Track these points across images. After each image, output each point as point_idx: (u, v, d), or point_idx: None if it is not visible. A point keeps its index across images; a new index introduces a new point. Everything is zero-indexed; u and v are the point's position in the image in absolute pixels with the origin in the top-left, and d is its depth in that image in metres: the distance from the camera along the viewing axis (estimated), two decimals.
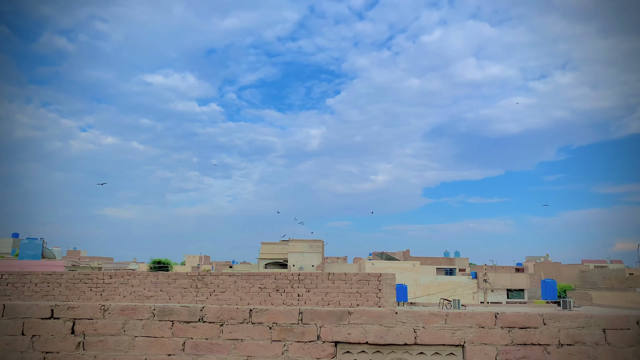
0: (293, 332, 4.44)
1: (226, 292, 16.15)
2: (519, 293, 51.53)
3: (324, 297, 15.91)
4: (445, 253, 74.78)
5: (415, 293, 44.91)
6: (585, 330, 4.48)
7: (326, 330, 4.44)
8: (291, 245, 49.36)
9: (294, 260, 48.47)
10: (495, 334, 4.43)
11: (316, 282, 16.07)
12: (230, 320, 4.51)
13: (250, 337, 4.46)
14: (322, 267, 47.94)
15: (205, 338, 4.48)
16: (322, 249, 50.59)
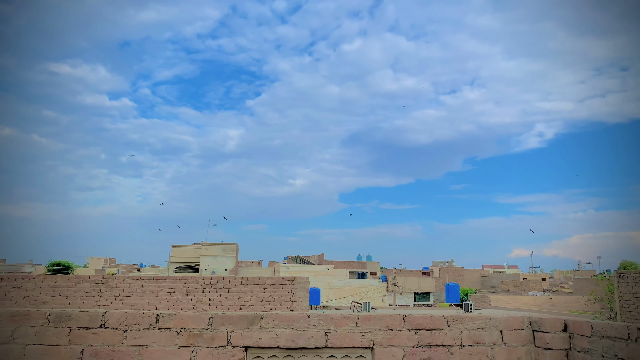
0: (202, 338, 4.30)
1: (132, 296, 15.39)
2: (425, 296, 53.94)
3: (236, 302, 15.65)
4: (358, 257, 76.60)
5: (328, 296, 45.53)
6: (484, 332, 4.75)
7: (237, 335, 4.35)
8: (204, 248, 48.14)
9: (207, 264, 47.32)
10: (402, 336, 4.56)
11: (229, 287, 15.77)
12: (135, 325, 4.28)
13: (157, 343, 4.26)
14: (236, 271, 47.21)
15: (106, 345, 4.21)
16: (237, 252, 49.86)
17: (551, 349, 4.75)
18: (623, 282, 19.26)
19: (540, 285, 65.72)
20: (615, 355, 4.33)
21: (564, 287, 66.88)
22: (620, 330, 4.33)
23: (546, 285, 68.54)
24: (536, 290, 59.20)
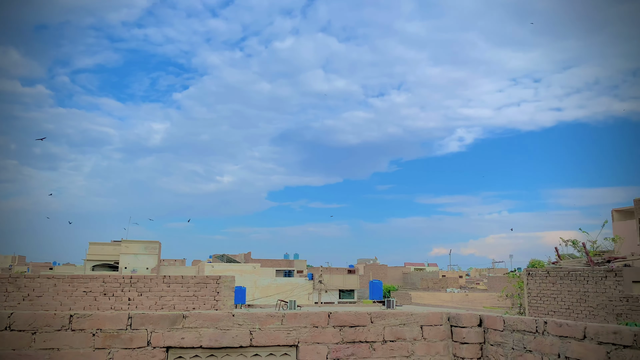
0: (120, 339, 4.10)
1: (44, 296, 14.45)
2: (349, 293, 54.96)
3: (157, 301, 15.13)
4: (285, 255, 76.67)
5: (254, 295, 45.17)
6: (406, 327, 4.89)
7: (158, 335, 4.19)
8: (124, 246, 46.15)
9: (127, 262, 45.38)
10: (327, 333, 4.60)
11: (150, 286, 15.21)
12: (46, 327, 4.00)
13: (69, 346, 4.01)
14: (158, 270, 45.64)
15: (12, 349, 3.90)
16: (159, 250, 48.23)
17: (467, 343, 4.98)
18: (532, 279, 20.65)
19: (458, 283, 69.00)
20: (524, 348, 4.62)
21: (479, 284, 70.64)
22: (529, 324, 4.62)
23: (463, 283, 72.10)
24: (454, 287, 62.09)
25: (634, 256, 23.95)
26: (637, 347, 3.68)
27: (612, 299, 17.23)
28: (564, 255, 23.68)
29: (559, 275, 19.49)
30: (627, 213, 37.66)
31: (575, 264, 20.97)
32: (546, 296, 19.80)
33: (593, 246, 24.57)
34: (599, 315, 17.51)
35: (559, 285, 19.36)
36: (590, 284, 18.13)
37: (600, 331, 3.97)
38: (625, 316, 16.39)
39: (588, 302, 18.07)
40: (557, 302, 19.34)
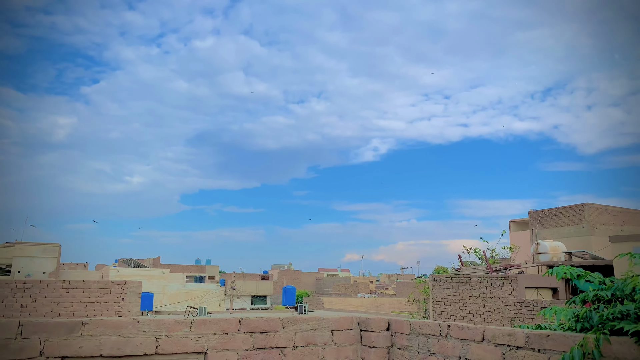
0: (8, 349, 3.75)
1: None
2: (262, 299, 54.55)
3: (54, 308, 14.08)
4: (197, 261, 74.65)
5: (162, 301, 43.47)
6: (317, 332, 4.92)
7: (52, 344, 3.88)
8: (18, 248, 42.56)
9: (21, 265, 41.89)
10: (238, 340, 4.51)
11: (46, 291, 14.13)
12: None
13: None
14: (57, 274, 42.54)
15: None
16: (58, 253, 45.02)
17: (375, 347, 5.11)
18: (436, 284, 21.68)
19: (369, 288, 70.92)
20: (428, 351, 4.82)
21: (388, 289, 73.05)
22: (434, 327, 4.82)
23: (373, 288, 74.20)
24: (364, 293, 63.72)
25: (527, 264, 25.96)
26: (528, 347, 3.96)
27: (507, 304, 18.52)
28: (467, 263, 25.15)
29: (461, 281, 20.63)
30: (523, 224, 40.81)
31: (476, 270, 22.32)
32: (449, 301, 20.87)
33: (492, 254, 26.33)
34: (496, 319, 18.76)
35: (461, 290, 20.49)
36: (489, 289, 19.37)
37: (497, 333, 4.23)
38: (518, 320, 17.68)
39: (487, 307, 19.28)
40: (459, 306, 20.45)
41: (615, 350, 3.38)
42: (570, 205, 36.11)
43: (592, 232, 34.02)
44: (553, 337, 3.79)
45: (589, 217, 34.52)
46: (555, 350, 3.72)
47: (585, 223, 34.52)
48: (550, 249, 27.80)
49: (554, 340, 3.76)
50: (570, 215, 35.70)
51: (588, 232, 34.05)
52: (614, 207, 36.71)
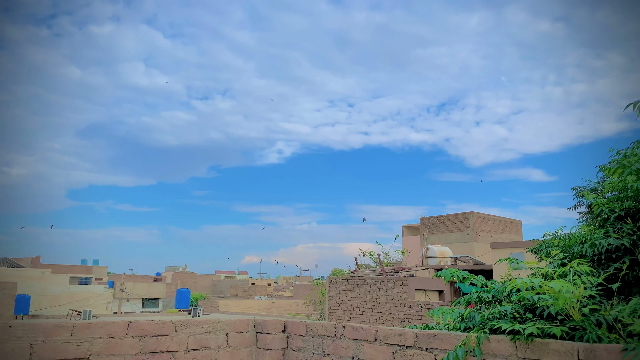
0: None
1: None
2: (154, 302, 52.26)
3: None
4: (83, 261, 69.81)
5: (40, 304, 40.00)
6: (211, 335, 4.78)
7: None
8: None
9: None
10: (125, 344, 4.24)
11: None
12: None
13: None
14: None
15: None
16: None
17: (271, 349, 5.07)
18: (333, 286, 22.16)
19: (266, 291, 70.72)
20: (323, 352, 4.87)
21: (285, 292, 73.40)
22: (329, 328, 4.89)
23: (271, 290, 74.12)
24: (262, 295, 63.46)
25: (417, 267, 27.43)
26: (417, 347, 4.15)
27: (398, 305, 19.40)
28: (362, 265, 25.99)
29: (356, 283, 21.27)
30: (414, 229, 43.10)
31: (370, 273, 23.14)
32: (345, 302, 21.43)
33: (386, 257, 27.47)
34: (387, 319, 19.57)
35: (356, 292, 21.12)
36: (381, 291, 20.16)
37: (388, 334, 4.38)
38: (408, 320, 18.60)
39: (379, 308, 20.05)
40: (353, 308, 21.06)
41: (493, 348, 3.64)
42: (457, 213, 38.79)
43: (476, 238, 36.81)
44: (440, 336, 4.00)
45: (473, 224, 37.32)
46: (442, 348, 3.94)
47: (469, 230, 37.26)
48: (438, 254, 29.63)
49: (441, 339, 3.98)
50: (456, 223, 38.35)
51: (472, 238, 36.79)
52: (495, 216, 40.04)
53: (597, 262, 5.03)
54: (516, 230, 41.60)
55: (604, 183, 8.03)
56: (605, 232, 5.16)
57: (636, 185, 4.65)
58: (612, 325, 3.54)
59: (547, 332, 3.45)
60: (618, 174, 5.60)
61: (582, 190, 9.64)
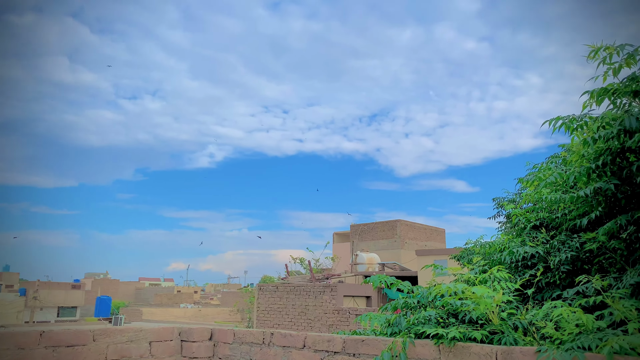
0: None
1: None
2: (71, 311, 49.34)
3: None
4: None
5: None
6: (133, 344, 4.56)
7: None
8: None
9: None
10: (36, 356, 3.96)
11: None
12: None
13: None
14: None
15: None
16: None
17: (197, 357, 4.92)
18: (262, 294, 21.95)
19: (193, 298, 68.86)
20: (250, 359, 4.79)
21: (212, 299, 71.86)
22: (257, 336, 4.82)
23: (198, 298, 72.29)
24: (188, 303, 61.71)
25: (346, 273, 27.80)
26: (345, 352, 4.18)
27: (327, 312, 19.54)
28: (292, 272, 25.98)
29: (286, 290, 21.21)
30: (345, 236, 43.71)
31: (300, 279, 23.17)
32: (274, 310, 21.28)
33: (316, 264, 27.63)
34: (316, 326, 19.64)
35: (285, 299, 21.04)
36: (311, 298, 20.22)
37: (317, 340, 4.39)
38: (336, 327, 18.76)
39: (308, 315, 20.09)
40: (282, 315, 20.96)
41: (418, 352, 3.74)
42: (385, 221, 39.79)
43: (402, 245, 37.91)
44: (367, 341, 4.05)
45: (400, 232, 38.42)
46: (369, 354, 3.99)
47: (397, 238, 38.32)
48: (366, 260, 30.21)
49: (368, 344, 4.03)
50: (385, 230, 39.32)
51: (399, 245, 37.85)
52: (421, 224, 41.47)
53: (515, 268, 5.33)
54: (440, 238, 43.30)
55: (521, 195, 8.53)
56: (522, 241, 5.47)
57: (550, 197, 4.97)
58: (527, 328, 3.75)
59: (468, 336, 3.59)
60: (534, 186, 5.97)
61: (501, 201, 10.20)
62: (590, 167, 4.44)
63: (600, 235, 4.42)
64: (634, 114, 3.98)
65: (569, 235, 5.16)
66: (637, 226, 4.28)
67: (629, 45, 4.34)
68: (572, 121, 4.53)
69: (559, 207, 5.55)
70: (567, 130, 4.58)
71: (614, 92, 4.39)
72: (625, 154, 4.31)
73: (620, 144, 4.21)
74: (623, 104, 4.49)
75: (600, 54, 4.46)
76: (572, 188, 5.29)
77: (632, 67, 4.36)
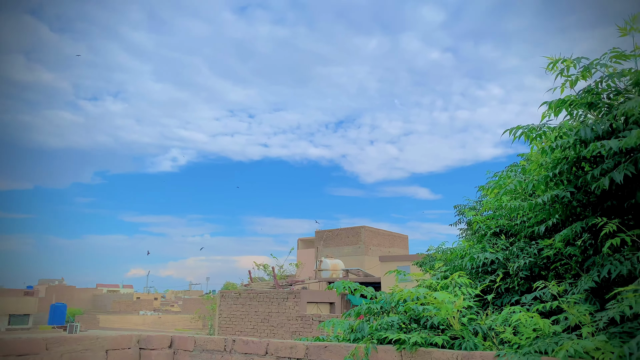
0: None
1: None
2: (23, 318, 47.40)
3: None
4: None
5: None
6: (89, 353, 4.41)
7: None
8: None
9: None
10: None
11: None
12: None
13: None
14: None
15: None
16: None
17: None
18: (224, 300, 21.65)
19: (152, 305, 67.33)
20: None
21: (173, 306, 70.43)
22: (219, 343, 4.74)
23: (158, 305, 70.71)
24: (147, 310, 60.29)
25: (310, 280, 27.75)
26: (308, 359, 4.15)
27: (290, 318, 19.42)
28: (255, 278, 25.74)
29: (249, 297, 20.98)
30: (309, 242, 43.68)
31: (264, 286, 22.97)
32: (236, 317, 21.01)
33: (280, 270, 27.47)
34: (279, 333, 19.49)
35: (248, 306, 20.82)
36: (274, 304, 20.07)
37: (279, 346, 4.34)
38: (299, 333, 18.68)
39: (271, 322, 19.93)
40: (244, 322, 20.72)
41: (381, 358, 3.75)
42: (350, 227, 39.99)
43: (367, 252, 38.16)
44: (330, 348, 4.04)
45: (365, 238, 38.68)
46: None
47: (361, 244, 38.56)
48: (330, 266, 30.24)
49: (331, 350, 4.02)
50: (349, 236, 39.51)
51: (363, 252, 38.09)
52: (385, 230, 41.88)
53: (475, 274, 5.43)
54: (403, 244, 43.83)
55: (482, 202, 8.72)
56: (483, 247, 5.58)
57: (510, 205, 5.09)
58: (487, 333, 3.81)
59: (430, 341, 3.62)
60: (494, 194, 6.11)
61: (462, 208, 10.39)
62: (548, 175, 4.58)
63: (556, 242, 4.55)
64: (589, 125, 4.12)
65: (528, 242, 5.30)
66: (592, 233, 4.43)
67: (585, 59, 4.51)
68: (532, 131, 4.66)
69: (518, 214, 5.69)
70: (527, 140, 4.71)
71: (570, 103, 4.54)
72: (580, 163, 4.46)
73: (577, 153, 4.36)
74: (579, 115, 4.65)
75: (558, 66, 4.61)
76: (531, 196, 5.44)
77: (587, 80, 4.54)
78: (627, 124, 4.03)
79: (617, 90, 4.49)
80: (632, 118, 3.88)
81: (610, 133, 4.07)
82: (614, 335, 3.22)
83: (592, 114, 4.57)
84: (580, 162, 4.46)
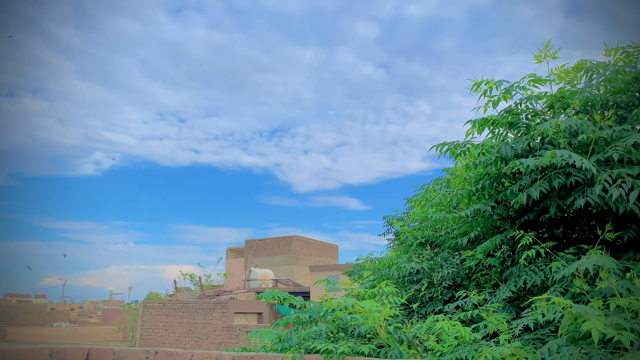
0: None
1: None
2: None
3: None
4: None
5: None
6: None
7: None
8: None
9: None
10: None
11: None
12: None
13: None
14: None
15: None
16: None
17: None
18: (147, 311, 20.82)
19: (69, 316, 63.50)
20: None
21: (92, 317, 66.81)
22: (140, 355, 4.54)
23: (75, 316, 66.77)
24: (63, 322, 56.79)
25: (239, 290, 27.33)
26: None
27: (216, 329, 18.99)
28: (181, 289, 24.97)
29: (173, 307, 20.31)
30: (239, 251, 43.05)
31: (190, 296, 22.33)
32: (159, 328, 20.25)
33: (208, 280, 26.84)
34: (204, 344, 18.98)
35: (172, 317, 20.14)
36: (200, 315, 19.55)
37: (204, 357, 4.22)
38: (225, 344, 18.29)
39: (196, 333, 19.38)
40: (168, 333, 20.01)
41: None
42: (281, 237, 39.87)
43: (297, 261, 38.16)
44: (256, 358, 3.98)
45: (296, 248, 38.68)
46: None
47: (292, 253, 38.51)
48: (260, 276, 29.95)
49: None
50: (280, 246, 39.35)
51: (293, 261, 38.05)
52: (315, 240, 42.11)
53: (402, 283, 5.57)
54: (333, 254, 44.26)
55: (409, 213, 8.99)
56: (409, 257, 5.75)
57: (435, 217, 5.29)
58: (411, 342, 3.91)
59: (357, 350, 3.66)
60: (421, 206, 6.33)
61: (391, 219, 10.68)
62: (471, 190, 4.81)
63: (478, 253, 4.77)
64: (509, 144, 4.38)
65: (451, 253, 5.52)
66: (510, 245, 4.69)
67: (506, 82, 4.80)
68: (457, 147, 4.88)
69: (443, 226, 5.93)
70: (452, 155, 4.93)
71: (493, 122, 4.81)
72: (501, 179, 4.73)
73: (497, 169, 4.61)
74: (500, 134, 4.93)
75: (482, 87, 4.88)
76: (455, 209, 5.68)
77: (508, 101, 4.83)
78: (543, 143, 4.32)
79: (534, 112, 4.82)
80: (547, 138, 4.16)
81: (528, 152, 4.34)
82: (528, 342, 3.42)
83: (512, 132, 4.86)
84: (500, 178, 4.72)
